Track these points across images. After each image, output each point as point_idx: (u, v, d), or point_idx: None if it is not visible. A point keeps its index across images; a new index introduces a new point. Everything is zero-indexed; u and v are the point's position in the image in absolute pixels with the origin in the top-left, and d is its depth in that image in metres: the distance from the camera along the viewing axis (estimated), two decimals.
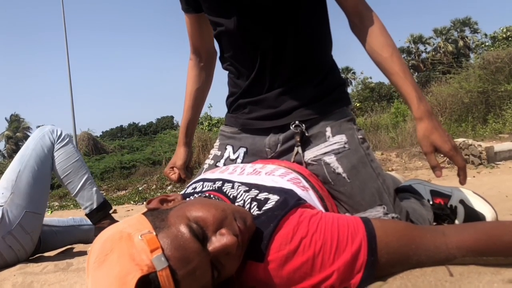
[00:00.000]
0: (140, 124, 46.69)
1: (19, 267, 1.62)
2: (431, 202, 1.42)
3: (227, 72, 1.45)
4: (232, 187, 0.99)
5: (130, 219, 0.80)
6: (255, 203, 0.92)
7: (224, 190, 0.99)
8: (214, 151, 1.46)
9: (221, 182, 1.03)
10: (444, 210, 1.39)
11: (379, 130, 11.13)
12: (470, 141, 6.00)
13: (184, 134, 1.64)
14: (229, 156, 1.40)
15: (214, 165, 1.41)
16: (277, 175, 1.04)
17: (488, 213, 1.35)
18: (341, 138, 1.25)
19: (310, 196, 1.01)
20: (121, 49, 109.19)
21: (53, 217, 2.29)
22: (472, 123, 10.10)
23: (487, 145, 5.92)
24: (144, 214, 0.81)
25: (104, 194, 10.65)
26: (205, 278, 0.75)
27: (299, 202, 0.91)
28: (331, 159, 1.22)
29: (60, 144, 1.93)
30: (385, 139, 9.75)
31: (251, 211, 0.91)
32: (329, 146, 1.25)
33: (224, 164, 1.38)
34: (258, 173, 1.06)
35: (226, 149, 1.42)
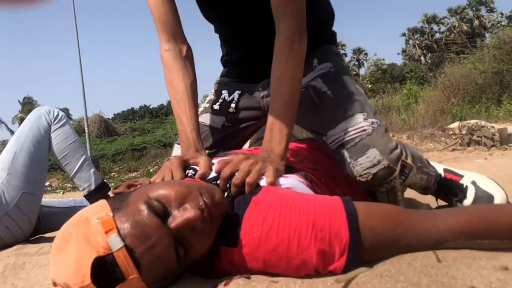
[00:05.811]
0: (151, 107, 46.96)
1: (16, 248, 1.62)
2: (442, 175, 1.37)
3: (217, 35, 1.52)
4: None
5: (93, 205, 0.78)
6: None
7: None
8: (210, 96, 1.52)
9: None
10: (455, 186, 1.34)
11: (391, 112, 10.99)
12: (483, 123, 5.88)
13: (198, 138, 1.20)
14: (224, 98, 1.46)
15: (210, 108, 1.47)
16: None
17: (498, 196, 1.29)
18: (327, 65, 1.31)
19: (290, 180, 0.97)
20: (131, 31, 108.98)
21: (63, 199, 2.28)
22: (486, 104, 9.91)
23: (500, 126, 5.79)
24: (107, 199, 0.79)
25: (116, 175, 10.78)
26: (168, 255, 0.72)
27: None
28: (317, 82, 1.28)
29: (57, 125, 1.90)
30: (396, 121, 9.61)
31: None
32: (315, 72, 1.31)
33: (220, 106, 1.44)
34: None
35: (221, 93, 1.48)
